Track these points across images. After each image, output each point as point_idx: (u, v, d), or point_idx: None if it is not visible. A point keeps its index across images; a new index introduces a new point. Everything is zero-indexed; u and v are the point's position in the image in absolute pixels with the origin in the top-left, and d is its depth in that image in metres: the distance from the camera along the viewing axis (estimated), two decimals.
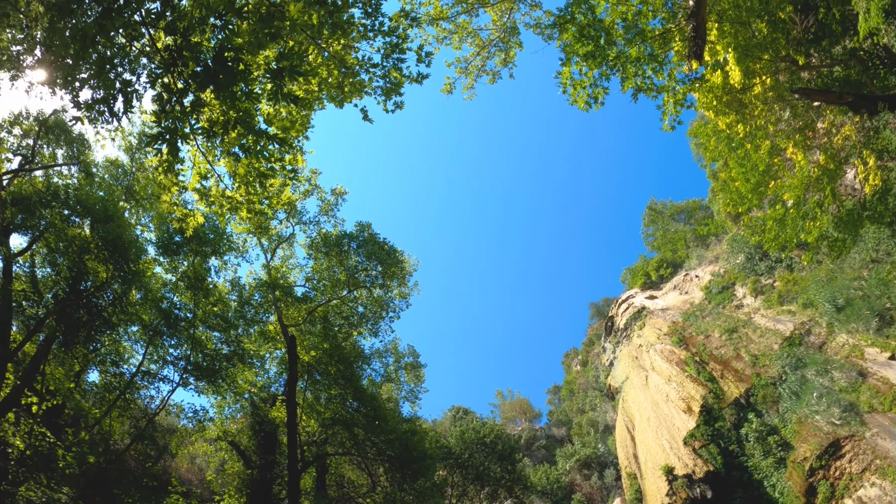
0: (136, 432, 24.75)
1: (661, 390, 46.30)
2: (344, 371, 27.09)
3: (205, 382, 24.73)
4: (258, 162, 10.54)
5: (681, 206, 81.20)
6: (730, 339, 45.38)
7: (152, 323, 23.74)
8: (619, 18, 14.43)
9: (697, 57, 13.46)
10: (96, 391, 24.83)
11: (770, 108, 22.27)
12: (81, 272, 21.80)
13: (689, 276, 63.33)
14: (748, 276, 51.72)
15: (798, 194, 22.63)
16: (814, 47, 21.99)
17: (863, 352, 34.42)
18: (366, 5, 11.32)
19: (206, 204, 11.71)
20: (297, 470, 24.59)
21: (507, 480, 37.35)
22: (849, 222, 23.01)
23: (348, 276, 27.69)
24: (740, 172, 23.30)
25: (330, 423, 27.31)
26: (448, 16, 16.33)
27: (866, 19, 16.68)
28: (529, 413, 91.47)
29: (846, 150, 23.06)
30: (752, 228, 25.36)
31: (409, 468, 27.36)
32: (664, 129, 14.50)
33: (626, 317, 65.98)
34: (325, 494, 28.19)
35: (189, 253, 24.31)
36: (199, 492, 32.04)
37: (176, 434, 27.92)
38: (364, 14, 11.38)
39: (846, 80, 21.72)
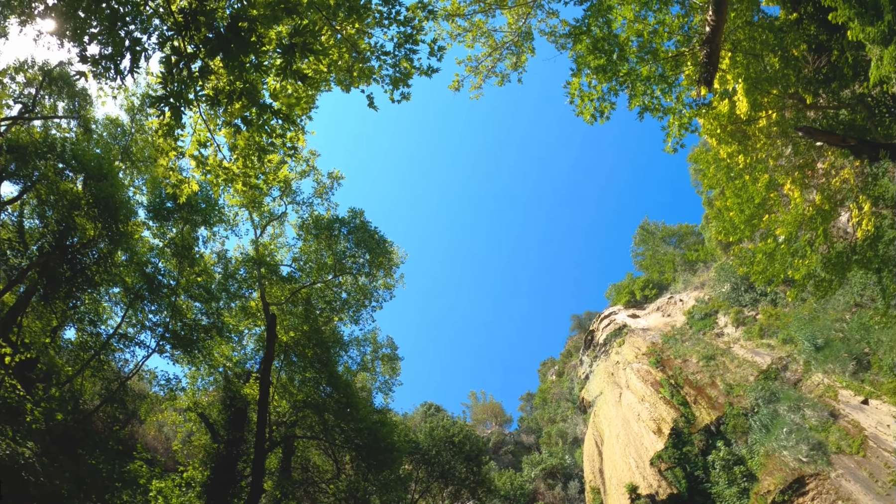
0: (107, 394, 24.60)
1: (634, 409, 46.50)
2: (321, 355, 27.01)
3: (181, 352, 24.60)
4: (259, 136, 10.48)
5: (673, 230, 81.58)
6: (707, 366, 45.63)
7: (134, 286, 23.59)
8: (635, 36, 14.46)
9: (707, 83, 13.51)
10: (71, 349, 24.66)
11: (773, 143, 22.38)
12: (69, 227, 21.64)
13: (673, 298, 63.62)
14: (732, 305, 52.00)
15: (790, 231, 22.76)
16: (823, 88, 22.10)
17: (837, 393, 34.71)
18: None
19: (203, 172, 11.64)
20: (263, 449, 24.50)
21: (472, 481, 37.41)
22: (837, 264, 23.16)
23: (336, 260, 27.59)
24: (736, 202, 23.40)
25: (301, 405, 27.22)
26: (464, 13, 16.30)
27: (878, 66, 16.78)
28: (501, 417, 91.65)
29: (843, 192, 23.20)
30: (741, 259, 25.49)
31: (375, 459, 27.33)
32: (666, 151, 14.55)
33: (607, 332, 66.22)
34: (290, 476, 28.13)
35: (179, 220, 24.17)
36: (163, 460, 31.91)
37: (146, 400, 27.77)
38: (381, 1, 11.35)
39: (851, 124, 21.85)
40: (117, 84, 8.73)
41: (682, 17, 14.58)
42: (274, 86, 11.11)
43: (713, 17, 12.65)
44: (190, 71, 8.26)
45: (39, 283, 21.84)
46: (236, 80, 8.81)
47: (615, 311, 71.39)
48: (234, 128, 10.47)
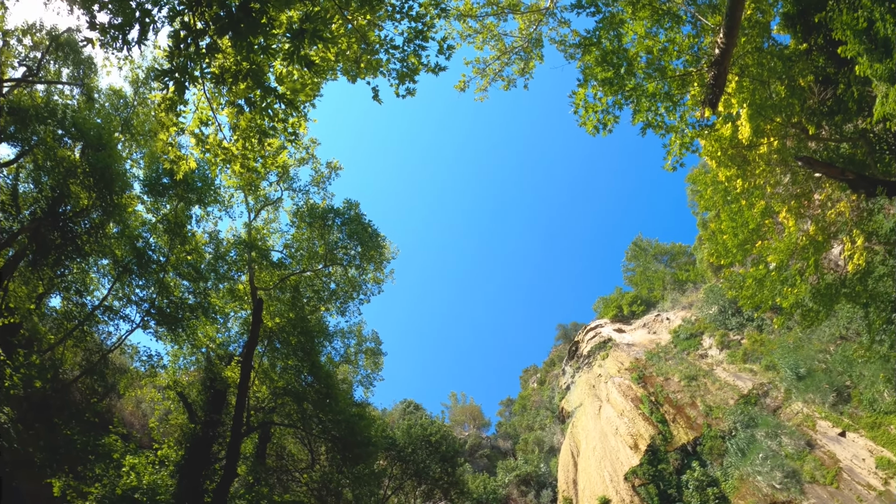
0: (88, 366, 24.48)
1: (612, 423, 46.60)
2: (305, 343, 26.93)
3: (165, 329, 24.49)
4: (261, 118, 10.46)
5: (665, 248, 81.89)
6: (688, 386, 45.79)
7: (124, 259, 23.47)
8: (644, 52, 14.50)
9: (712, 105, 13.54)
10: (55, 317, 24.53)
11: (772, 170, 22.48)
12: (63, 195, 21.52)
13: (660, 316, 63.81)
14: (718, 328, 52.20)
15: (782, 259, 22.85)
16: (826, 120, 22.21)
17: (815, 423, 34.89)
18: None
19: (202, 150, 11.60)
20: (240, 433, 24.43)
21: (445, 482, 37.39)
22: (826, 296, 23.28)
23: (327, 250, 27.51)
24: (730, 226, 23.49)
25: (281, 392, 27.14)
26: (476, 15, 16.30)
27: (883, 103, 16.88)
28: (479, 420, 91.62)
29: (837, 225, 23.33)
30: (731, 283, 25.59)
31: (350, 452, 27.28)
32: (665, 169, 14.59)
33: (592, 345, 66.38)
34: (264, 462, 28.05)
35: (174, 197, 24.05)
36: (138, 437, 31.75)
37: (126, 375, 27.63)
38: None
39: (851, 159, 21.97)
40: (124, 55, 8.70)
41: (693, 37, 14.63)
42: (280, 70, 11.08)
43: (724, 40, 12.69)
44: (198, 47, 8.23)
45: (29, 249, 21.70)
46: (243, 61, 8.79)
47: (601, 325, 71.53)
48: (236, 108, 10.44)
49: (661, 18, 14.29)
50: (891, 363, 27.47)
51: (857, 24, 16.43)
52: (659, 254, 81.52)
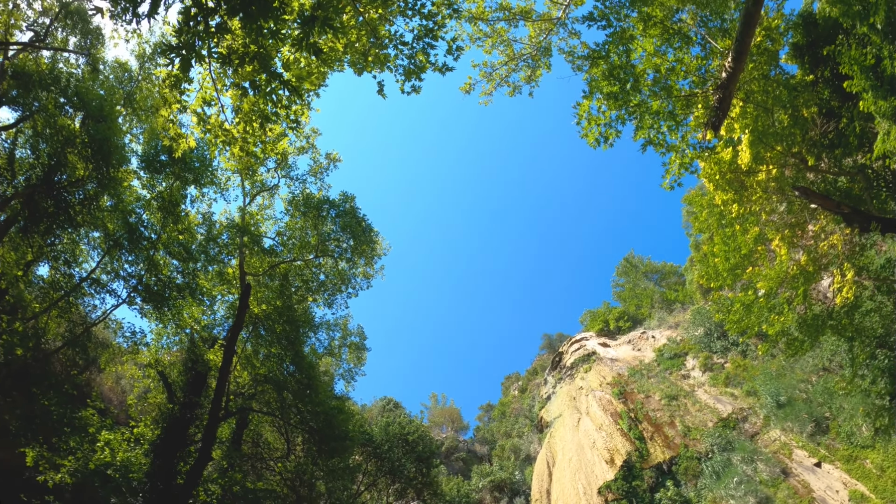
0: (71, 337, 24.33)
1: (590, 436, 46.69)
2: (289, 332, 26.85)
3: (151, 306, 24.37)
4: (265, 103, 10.43)
5: (656, 267, 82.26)
6: (668, 405, 45.94)
7: (115, 233, 23.35)
8: (652, 69, 14.55)
9: (714, 128, 13.61)
10: (42, 286, 24.37)
11: (768, 198, 22.58)
12: (60, 164, 21.41)
13: (646, 334, 64.02)
14: (702, 350, 52.41)
15: (771, 286, 22.95)
16: (826, 152, 22.35)
17: (791, 452, 35.07)
18: None
19: (202, 130, 11.56)
20: (218, 417, 24.33)
21: (419, 482, 37.34)
22: (812, 326, 23.40)
23: (319, 241, 27.45)
24: (723, 250, 23.57)
25: (262, 379, 27.05)
26: (488, 19, 16.31)
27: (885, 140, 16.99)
28: (457, 423, 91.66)
29: (829, 257, 23.44)
30: (719, 306, 25.68)
31: (327, 444, 27.20)
32: (663, 187, 14.63)
33: (575, 356, 66.56)
34: (240, 448, 27.95)
35: (170, 175, 23.96)
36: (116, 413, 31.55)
37: (109, 350, 27.48)
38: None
39: (847, 192, 22.10)
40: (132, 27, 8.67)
41: (702, 59, 14.69)
42: (288, 56, 11.06)
43: (731, 64, 12.75)
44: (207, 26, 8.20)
45: (21, 215, 21.57)
46: (251, 44, 8.77)
47: (587, 338, 71.76)
48: (241, 91, 10.42)
49: (671, 38, 14.34)
50: (871, 398, 27.62)
51: (866, 61, 16.55)
52: (649, 272, 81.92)
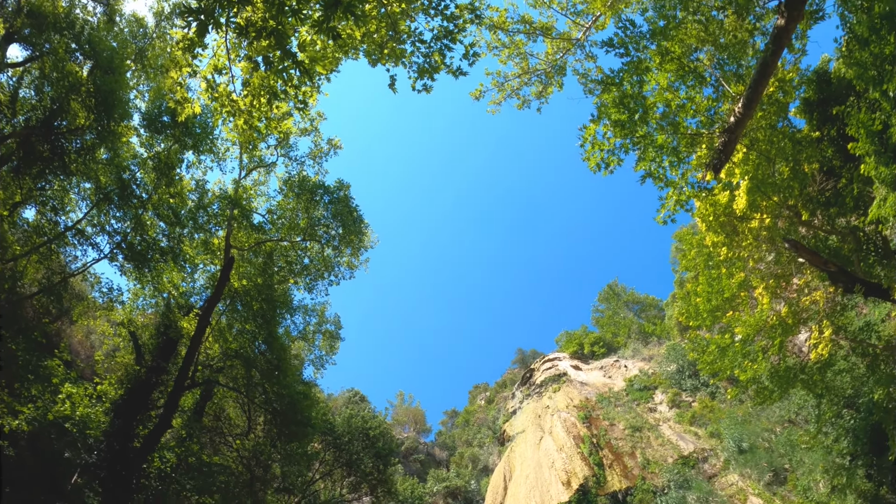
0: (48, 285, 24.10)
1: (550, 455, 46.78)
2: (266, 311, 26.72)
3: (132, 265, 24.20)
4: (275, 80, 10.40)
5: (638, 298, 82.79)
6: (631, 436, 46.14)
7: (107, 187, 23.17)
8: (662, 103, 14.63)
9: (715, 170, 13.68)
10: (25, 229, 24.11)
11: (758, 246, 22.76)
12: (62, 109, 21.22)
13: (619, 362, 64.35)
14: (672, 386, 52.72)
15: (749, 333, 23.12)
16: (821, 210, 22.56)
17: (747, 498, 35.31)
18: None
19: (210, 98, 11.51)
20: (183, 386, 24.17)
21: (375, 478, 37.22)
22: (783, 378, 23.59)
23: (308, 225, 27.35)
24: (706, 290, 23.73)
25: (233, 354, 26.89)
26: (509, 29, 16.34)
27: (880, 206, 17.18)
28: (420, 425, 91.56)
29: (809, 312, 23.66)
30: (694, 345, 25.83)
31: (288, 428, 27.07)
32: (656, 221, 14.69)
33: (546, 375, 66.84)
34: (200, 420, 27.76)
35: (170, 137, 23.81)
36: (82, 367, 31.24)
37: (83, 303, 27.24)
38: None
39: (836, 252, 22.30)
40: None
41: (713, 100, 14.79)
42: (305, 37, 11.03)
43: (741, 110, 12.84)
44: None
45: (15, 155, 21.34)
46: (271, 19, 8.73)
47: (559, 358, 72.10)
48: (253, 64, 10.38)
49: (685, 75, 14.43)
50: (832, 455, 27.86)
51: (873, 125, 16.73)
52: (631, 302, 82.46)
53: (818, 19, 16.25)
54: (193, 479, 23.77)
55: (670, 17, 14.31)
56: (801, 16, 12.46)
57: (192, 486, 23.64)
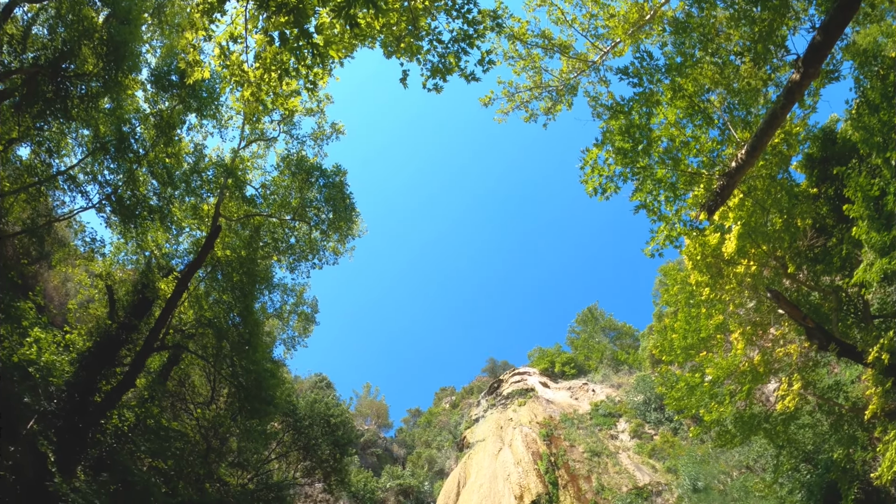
0: (32, 226, 23.88)
1: (507, 468, 46.86)
2: (245, 285, 26.58)
3: (118, 219, 23.98)
4: (288, 57, 10.37)
5: (615, 325, 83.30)
6: (589, 460, 46.32)
7: (105, 137, 22.96)
8: (667, 138, 14.71)
9: (710, 211, 13.77)
10: (18, 167, 23.86)
11: (740, 291, 22.93)
12: (72, 53, 21.00)
13: (587, 386, 64.64)
14: (637, 416, 52.99)
15: (719, 375, 23.30)
16: (808, 265, 22.78)
17: None
18: None
19: (221, 64, 11.46)
20: (152, 347, 24.00)
21: (330, 466, 37.14)
22: (747, 424, 23.78)
23: (300, 205, 27.24)
24: (683, 328, 23.90)
25: (206, 322, 26.71)
26: (527, 42, 16.39)
27: (866, 270, 17.39)
28: (382, 419, 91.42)
29: (781, 364, 23.87)
30: (664, 380, 26.01)
31: (251, 404, 26.92)
32: (644, 252, 14.76)
33: (514, 388, 67.11)
34: (164, 384, 27.58)
35: (176, 96, 23.64)
36: (54, 313, 30.95)
37: (65, 249, 26.99)
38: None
39: (817, 309, 22.52)
40: None
41: (717, 143, 14.88)
42: (324, 19, 10.99)
43: (744, 157, 12.93)
44: None
45: (19, 91, 21.11)
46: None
47: (529, 373, 72.43)
48: (268, 38, 10.34)
49: (694, 114, 14.52)
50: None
51: (871, 191, 16.92)
52: (608, 328, 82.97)
53: (833, 79, 16.44)
54: (150, 441, 23.60)
55: (688, 54, 14.41)
56: (817, 74, 12.57)
57: (147, 448, 23.47)
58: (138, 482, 20.57)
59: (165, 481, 24.69)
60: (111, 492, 19.65)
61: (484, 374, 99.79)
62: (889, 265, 16.55)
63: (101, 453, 22.10)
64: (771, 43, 13.59)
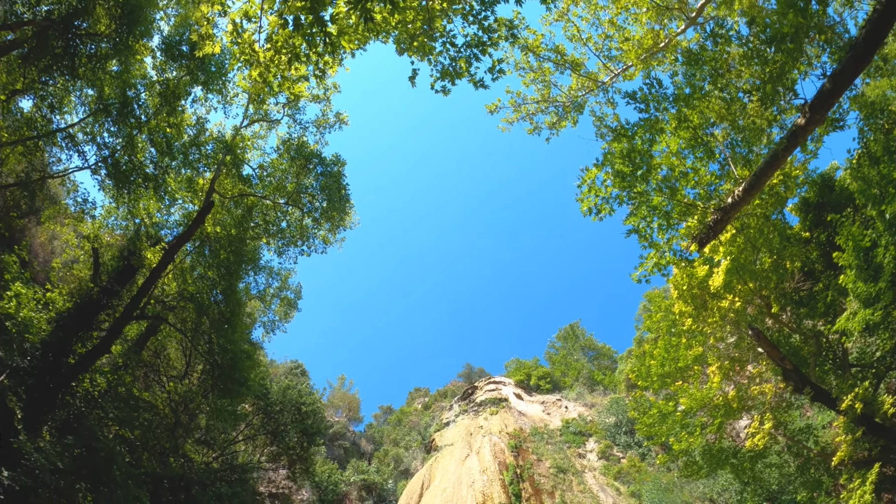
0: (26, 179, 23.71)
1: (472, 475, 46.85)
2: (232, 263, 26.45)
3: (112, 183, 23.85)
4: (300, 42, 10.36)
5: (595, 345, 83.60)
6: (555, 476, 46.38)
7: (108, 99, 22.83)
8: (667, 166, 14.78)
9: (701, 244, 13.85)
10: (18, 119, 23.68)
11: (723, 326, 23.04)
12: (87, 11, 20.84)
13: (561, 402, 64.80)
14: (607, 437, 53.13)
15: (693, 406, 23.41)
16: (792, 307, 22.94)
17: None
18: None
19: (232, 41, 11.44)
20: (132, 315, 23.85)
21: (296, 453, 37.00)
22: (715, 457, 23.90)
23: (295, 190, 27.13)
24: (662, 355, 24.01)
25: (188, 297, 26.55)
26: (540, 55, 16.46)
27: (849, 319, 17.53)
28: (354, 413, 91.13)
29: (755, 402, 24.00)
30: (638, 405, 26.11)
31: (224, 383, 26.75)
32: (631, 277, 14.80)
33: (488, 396, 67.25)
34: (140, 353, 27.39)
35: (184, 67, 23.53)
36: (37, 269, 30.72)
37: (55, 207, 26.82)
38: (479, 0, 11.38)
39: (796, 351, 22.66)
40: None
41: (716, 177, 14.96)
42: (340, 9, 10.99)
43: (741, 194, 13.01)
44: None
45: (28, 43, 20.97)
46: None
47: (504, 383, 72.61)
48: (283, 21, 10.33)
49: (696, 146, 14.59)
50: None
51: (863, 241, 17.07)
52: (587, 347, 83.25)
53: (838, 127, 16.54)
54: (118, 409, 23.42)
55: (697, 86, 14.48)
56: (823, 120, 12.67)
57: (116, 416, 23.30)
58: (103, 449, 20.39)
59: (130, 451, 24.54)
60: (74, 455, 19.45)
61: (459, 380, 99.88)
62: (872, 316, 16.69)
63: (68, 416, 21.92)
64: (780, 85, 13.66)
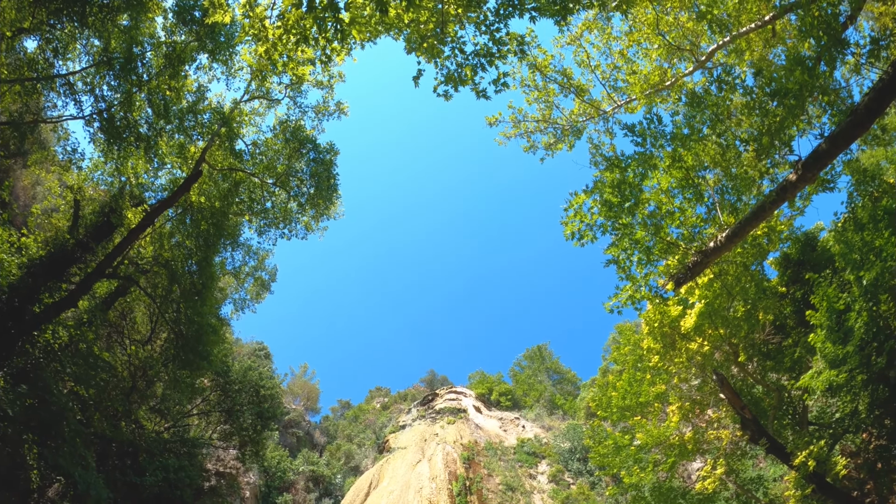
0: (17, 119, 23.39)
1: (421, 481, 46.75)
2: (211, 236, 26.21)
3: (104, 137, 23.60)
4: (310, 25, 10.34)
5: (561, 369, 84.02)
6: (504, 492, 46.43)
7: (114, 52, 22.61)
8: (655, 203, 14.89)
9: (678, 284, 13.95)
10: (20, 58, 23.36)
11: (688, 367, 23.22)
12: None
13: (519, 421, 64.94)
14: (559, 462, 53.28)
15: (649, 442, 23.55)
16: (759, 358, 23.17)
17: None
18: (504, 6, 11.39)
19: (243, 14, 11.42)
20: (103, 272, 23.58)
21: (248, 435, 36.65)
22: (664, 496, 24.02)
23: (285, 172, 27.00)
24: (624, 388, 24.16)
25: (163, 263, 26.29)
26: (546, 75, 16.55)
27: (813, 377, 17.74)
28: (312, 402, 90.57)
29: (710, 446, 24.19)
30: (594, 434, 26.22)
31: (185, 354, 26.47)
32: (605, 307, 14.87)
33: (447, 405, 67.32)
34: (106, 312, 27.10)
35: (193, 32, 23.36)
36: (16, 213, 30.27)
37: (43, 152, 26.48)
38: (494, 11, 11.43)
39: (757, 402, 22.87)
40: None
41: (701, 219, 15.09)
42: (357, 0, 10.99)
43: (723, 240, 13.13)
44: None
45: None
46: None
47: (465, 394, 72.70)
48: (296, 2, 10.31)
49: (686, 187, 14.72)
50: None
51: (837, 303, 17.29)
52: (552, 370, 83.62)
53: (828, 189, 16.75)
54: (77, 365, 23.13)
55: (696, 129, 14.62)
56: (814, 179, 12.83)
57: (73, 372, 23.00)
58: (55, 402, 20.14)
59: (83, 409, 24.25)
60: (26, 405, 19.21)
61: (422, 384, 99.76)
62: (836, 378, 16.89)
63: (25, 364, 21.60)
64: (778, 139, 13.83)
